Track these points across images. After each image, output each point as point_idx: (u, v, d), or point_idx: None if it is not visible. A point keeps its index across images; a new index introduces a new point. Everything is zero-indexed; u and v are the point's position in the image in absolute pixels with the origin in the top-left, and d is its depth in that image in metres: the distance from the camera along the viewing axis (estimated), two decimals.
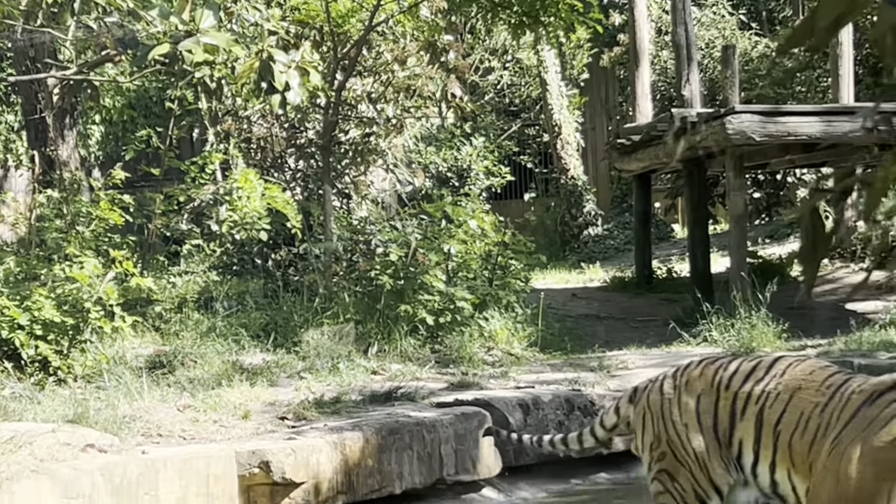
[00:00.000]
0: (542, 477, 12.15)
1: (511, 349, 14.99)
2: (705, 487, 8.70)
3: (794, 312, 17.00)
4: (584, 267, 24.29)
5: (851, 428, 8.03)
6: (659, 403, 8.95)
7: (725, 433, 8.69)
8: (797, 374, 8.54)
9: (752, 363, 8.79)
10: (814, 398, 8.33)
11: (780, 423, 8.44)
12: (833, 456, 8.02)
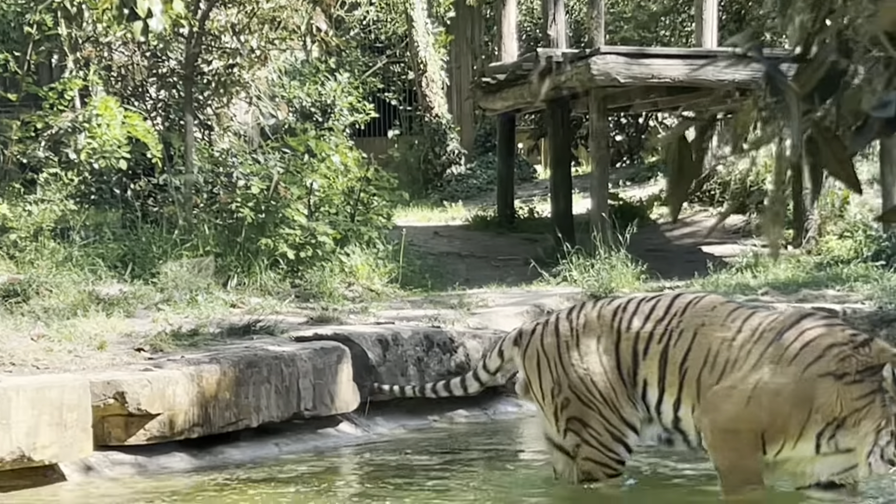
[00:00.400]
0: (400, 413, 12.15)
1: (372, 285, 14.95)
2: (618, 426, 8.71)
3: (652, 254, 17.20)
4: (446, 205, 24.31)
5: (764, 359, 8.10)
6: (556, 347, 8.90)
7: (630, 373, 8.69)
8: (698, 310, 8.55)
9: (651, 303, 8.78)
10: (720, 333, 8.37)
11: (686, 361, 8.46)
12: (744, 380, 8.10)
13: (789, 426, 7.95)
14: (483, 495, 9.18)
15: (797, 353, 8.01)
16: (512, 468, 10.44)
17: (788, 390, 7.95)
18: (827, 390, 7.83)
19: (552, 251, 16.78)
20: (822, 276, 14.42)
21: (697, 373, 8.37)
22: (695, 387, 8.39)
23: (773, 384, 8.00)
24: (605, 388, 8.70)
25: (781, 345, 8.09)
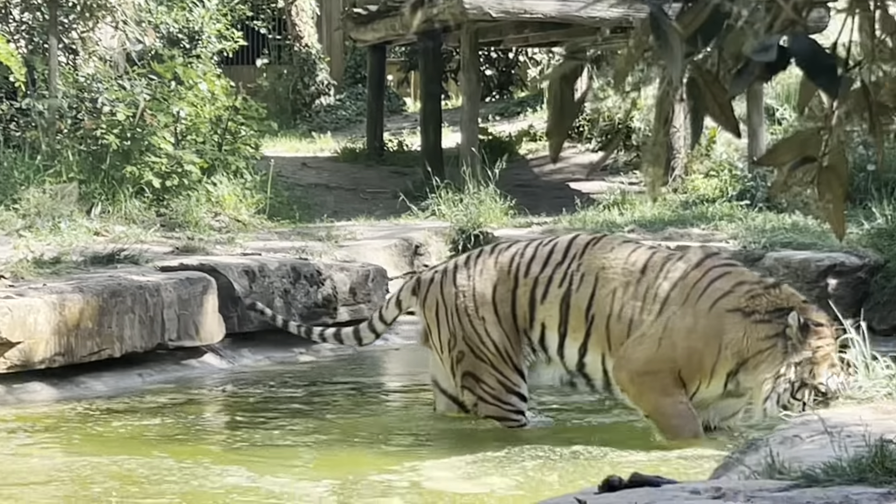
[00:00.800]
0: (266, 345, 12.10)
1: (238, 216, 14.82)
2: (509, 375, 8.69)
3: (521, 190, 17.26)
4: (315, 136, 24.14)
5: (671, 303, 8.11)
6: (453, 296, 8.85)
7: (525, 317, 8.67)
8: (597, 252, 8.53)
9: (548, 247, 8.74)
10: (623, 277, 8.36)
11: (591, 307, 8.45)
12: (654, 324, 8.12)
13: (703, 363, 7.98)
14: (348, 428, 9.18)
15: (705, 289, 8.04)
16: (376, 401, 10.45)
17: (699, 326, 7.99)
18: (735, 326, 7.86)
19: (421, 185, 16.76)
20: (688, 214, 14.57)
21: (605, 320, 8.37)
22: (604, 334, 8.39)
23: (683, 322, 8.03)
24: (500, 338, 8.69)
25: (688, 283, 8.12)
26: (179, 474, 7.69)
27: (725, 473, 5.40)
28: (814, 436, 5.35)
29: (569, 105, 2.37)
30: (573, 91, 2.40)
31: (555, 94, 2.39)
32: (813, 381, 7.56)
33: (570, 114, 2.39)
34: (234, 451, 8.39)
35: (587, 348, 8.48)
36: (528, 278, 8.64)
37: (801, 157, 2.57)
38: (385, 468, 7.86)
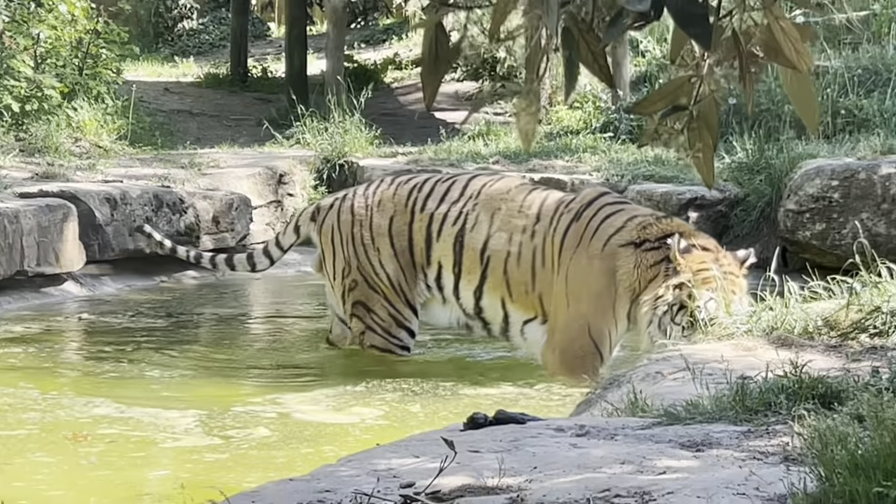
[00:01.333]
0: (127, 272, 11.98)
1: (100, 141, 14.57)
2: (401, 309, 8.64)
3: (386, 119, 17.20)
4: (177, 61, 23.81)
5: (567, 248, 8.07)
6: (350, 224, 8.77)
7: (422, 254, 8.61)
8: (493, 193, 8.46)
9: (447, 183, 8.68)
10: (519, 220, 8.29)
11: (487, 249, 8.39)
12: (559, 282, 8.07)
13: (605, 308, 7.91)
14: (212, 359, 9.14)
15: (597, 228, 8.04)
16: (239, 331, 10.42)
17: (595, 268, 7.96)
18: (627, 259, 7.85)
19: (286, 113, 16.61)
20: (552, 146, 14.63)
21: (503, 264, 8.34)
22: (502, 278, 8.35)
23: (581, 269, 8.03)
24: (395, 271, 8.66)
25: (581, 224, 8.11)
26: (44, 404, 7.61)
27: (588, 410, 5.47)
28: (676, 372, 5.43)
29: (444, 51, 2.36)
30: (448, 36, 2.39)
31: (430, 41, 2.37)
32: (691, 304, 7.54)
33: (446, 60, 2.37)
34: (100, 382, 8.31)
35: (483, 292, 8.45)
36: (424, 213, 8.59)
37: (673, 106, 2.59)
38: (249, 399, 7.85)
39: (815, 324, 6.04)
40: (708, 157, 2.56)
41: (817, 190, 11.86)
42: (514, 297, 8.32)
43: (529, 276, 8.22)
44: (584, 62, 2.37)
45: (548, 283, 8.15)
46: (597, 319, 7.93)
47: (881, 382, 4.64)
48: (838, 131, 14.12)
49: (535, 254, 8.21)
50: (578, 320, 7.95)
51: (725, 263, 7.77)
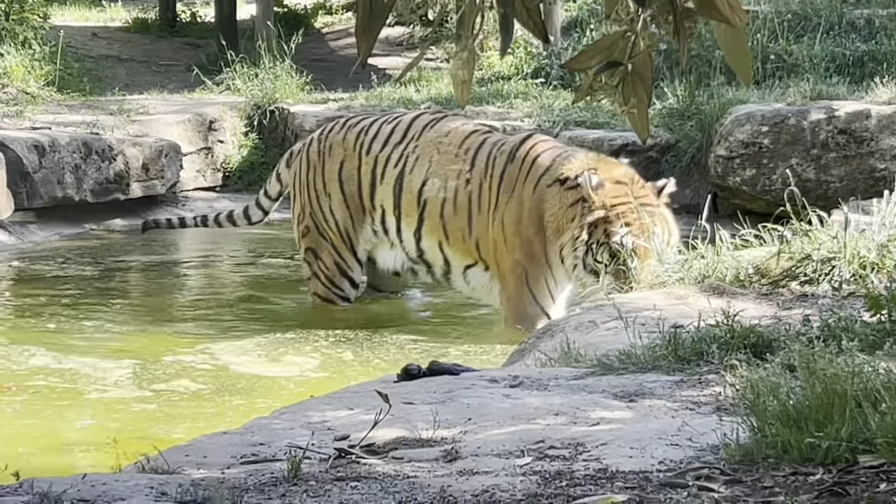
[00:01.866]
0: (56, 220, 11.88)
1: (27, 88, 14.37)
2: (347, 258, 8.61)
3: (317, 64, 17.08)
4: (105, 5, 23.46)
5: (503, 192, 8.00)
6: (306, 170, 8.74)
7: (368, 197, 8.57)
8: (433, 135, 8.36)
9: (392, 124, 8.59)
10: (455, 165, 8.21)
11: (423, 192, 8.32)
12: (496, 227, 8.01)
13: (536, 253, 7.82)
14: (142, 308, 9.09)
15: (529, 170, 7.96)
16: (168, 280, 10.35)
17: (525, 213, 7.87)
18: (552, 199, 7.75)
19: (215, 58, 16.43)
20: (484, 92, 14.58)
21: (439, 208, 8.26)
22: (439, 222, 8.28)
23: (514, 217, 7.92)
24: (343, 217, 8.61)
25: (514, 167, 8.07)
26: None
27: (521, 360, 5.48)
28: (608, 321, 5.45)
29: (379, 7, 2.33)
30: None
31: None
32: (608, 240, 7.44)
33: (381, 15, 2.34)
34: (29, 331, 8.24)
35: (422, 234, 8.40)
36: (370, 156, 8.54)
37: (607, 62, 2.57)
38: (180, 350, 7.81)
39: (747, 272, 6.09)
40: (643, 111, 2.55)
41: (747, 136, 11.93)
42: (450, 242, 8.29)
43: (465, 223, 8.19)
44: (519, 19, 2.36)
45: (484, 230, 8.11)
46: (533, 268, 7.88)
47: (812, 332, 4.68)
48: (768, 76, 14.18)
49: (470, 199, 8.17)
50: (517, 269, 7.93)
51: (642, 195, 7.65)
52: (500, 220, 7.99)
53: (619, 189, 7.60)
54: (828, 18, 15.13)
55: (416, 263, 8.52)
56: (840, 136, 11.81)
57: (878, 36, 14.68)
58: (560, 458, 3.67)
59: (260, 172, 13.77)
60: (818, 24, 14.98)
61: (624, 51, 2.55)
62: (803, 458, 3.46)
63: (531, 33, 2.46)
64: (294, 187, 8.85)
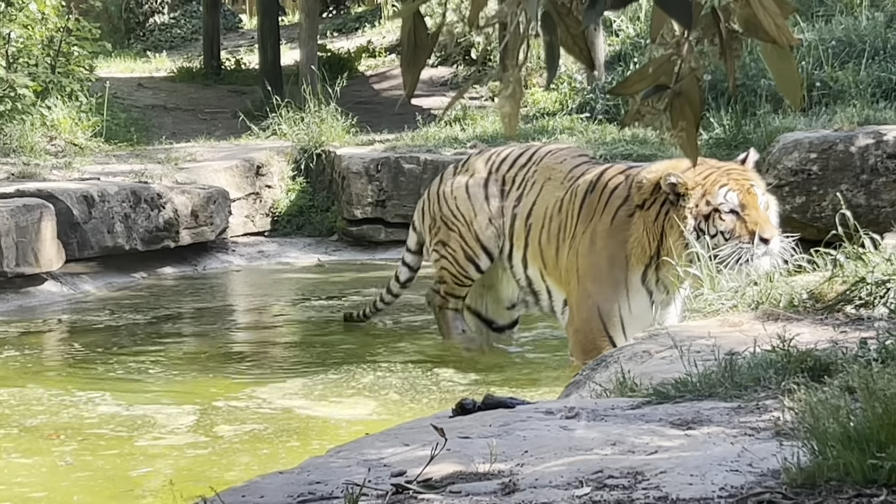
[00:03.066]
0: (107, 271, 11.96)
1: (75, 139, 14.51)
2: (473, 247, 8.64)
3: (362, 107, 17.17)
4: (150, 56, 23.73)
5: (581, 222, 7.98)
6: (436, 188, 8.88)
7: (498, 210, 8.61)
8: (551, 162, 8.40)
9: (521, 149, 8.70)
10: (557, 192, 8.22)
11: (530, 217, 8.36)
12: (570, 256, 7.96)
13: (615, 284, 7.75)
14: (197, 353, 9.11)
15: (607, 201, 7.86)
16: (219, 325, 10.38)
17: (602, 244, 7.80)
18: (636, 224, 7.68)
19: (261, 104, 16.57)
20: (529, 128, 14.59)
21: (539, 234, 8.26)
22: (537, 249, 8.27)
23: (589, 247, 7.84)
24: (467, 210, 8.63)
25: (594, 198, 7.95)
26: (48, 403, 7.59)
27: (576, 392, 5.45)
28: (663, 350, 5.42)
29: (423, 41, 2.33)
30: (426, 25, 2.36)
31: (408, 31, 2.35)
32: (711, 208, 7.39)
33: (425, 50, 2.35)
34: (97, 380, 8.27)
35: (527, 260, 8.37)
36: (499, 173, 8.62)
37: (654, 85, 2.57)
38: (233, 393, 7.83)
39: (801, 297, 6.03)
40: (691, 134, 2.54)
41: (796, 163, 11.86)
42: (548, 270, 8.26)
43: (555, 251, 8.17)
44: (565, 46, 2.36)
45: (565, 259, 8.09)
46: (605, 299, 7.78)
47: (869, 353, 4.63)
48: (814, 104, 14.13)
49: (560, 228, 8.15)
50: (587, 301, 7.86)
51: (723, 165, 7.67)
52: (575, 249, 7.94)
53: (700, 168, 7.53)
54: (872, 44, 15.07)
55: (527, 294, 8.50)
56: (889, 161, 11.72)
57: None
58: (619, 488, 3.64)
59: (308, 216, 13.85)
60: (863, 49, 14.93)
61: (671, 74, 2.54)
62: (866, 479, 3.42)
63: (577, 59, 2.45)
64: (423, 212, 8.99)
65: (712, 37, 2.56)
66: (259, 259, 13.16)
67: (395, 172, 13.18)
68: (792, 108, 13.67)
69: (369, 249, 13.34)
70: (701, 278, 6.81)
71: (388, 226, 13.33)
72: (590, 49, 2.46)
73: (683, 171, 7.51)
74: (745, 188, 7.45)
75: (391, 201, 13.21)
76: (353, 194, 13.28)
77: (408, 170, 13.18)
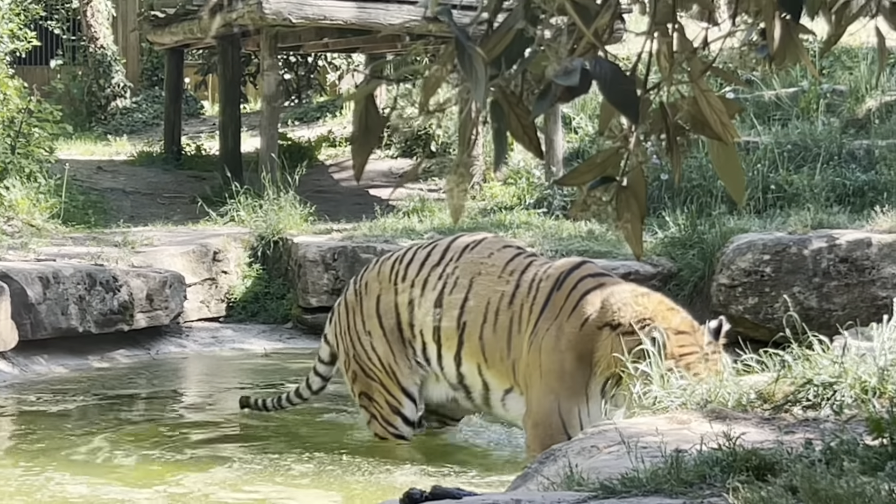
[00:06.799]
0: (60, 352, 11.89)
1: (32, 220, 14.48)
2: (396, 395, 8.47)
3: (321, 195, 17.22)
4: (110, 139, 23.74)
5: (545, 318, 7.83)
6: (345, 316, 8.67)
7: (408, 326, 8.39)
8: (474, 257, 8.23)
9: (427, 249, 8.47)
10: (498, 287, 8.05)
11: (463, 315, 8.19)
12: (532, 351, 7.84)
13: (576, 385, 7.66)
14: (143, 436, 9.06)
15: (576, 304, 7.75)
16: (172, 409, 10.33)
17: (570, 346, 7.69)
18: (604, 342, 7.56)
19: (220, 190, 16.60)
20: (486, 221, 14.66)
21: (479, 329, 8.11)
22: (477, 344, 8.13)
23: (555, 346, 7.73)
24: (385, 353, 8.47)
25: (561, 295, 7.84)
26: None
27: (524, 484, 5.44)
28: (611, 446, 5.42)
29: (374, 122, 2.36)
30: (378, 108, 2.40)
31: (360, 113, 2.38)
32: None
33: (376, 131, 2.38)
34: (31, 462, 8.22)
35: (461, 358, 8.22)
36: (406, 283, 8.41)
37: (601, 177, 2.60)
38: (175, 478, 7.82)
39: (749, 397, 6.06)
40: (636, 227, 2.57)
41: (749, 264, 11.95)
42: (489, 364, 8.13)
43: (505, 343, 8.05)
44: (514, 134, 2.39)
45: (520, 352, 7.99)
46: (567, 397, 7.71)
47: (814, 454, 4.65)
48: (769, 206, 14.28)
49: (511, 321, 8.02)
50: (549, 396, 7.83)
51: (705, 343, 7.53)
52: (538, 345, 7.83)
53: (684, 339, 7.46)
54: (827, 149, 15.27)
55: (457, 390, 8.37)
56: (841, 265, 11.83)
57: (878, 166, 14.82)
58: None
59: (263, 303, 13.83)
60: (818, 154, 15.12)
61: (617, 167, 2.57)
62: None
63: (525, 149, 2.49)
64: (338, 338, 8.79)
65: (660, 132, 2.60)
66: (213, 345, 13.11)
67: (352, 262, 13.20)
68: (746, 210, 13.81)
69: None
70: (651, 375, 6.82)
71: None
72: (539, 139, 2.50)
73: (670, 330, 7.41)
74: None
75: None
76: (309, 282, 13.29)
77: (364, 259, 13.17)
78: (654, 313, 7.59)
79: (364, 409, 8.69)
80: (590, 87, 2.43)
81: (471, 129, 2.30)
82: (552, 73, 2.29)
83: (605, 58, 2.42)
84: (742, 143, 15.12)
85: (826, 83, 17.09)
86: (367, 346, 8.53)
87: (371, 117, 2.36)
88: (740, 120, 16.33)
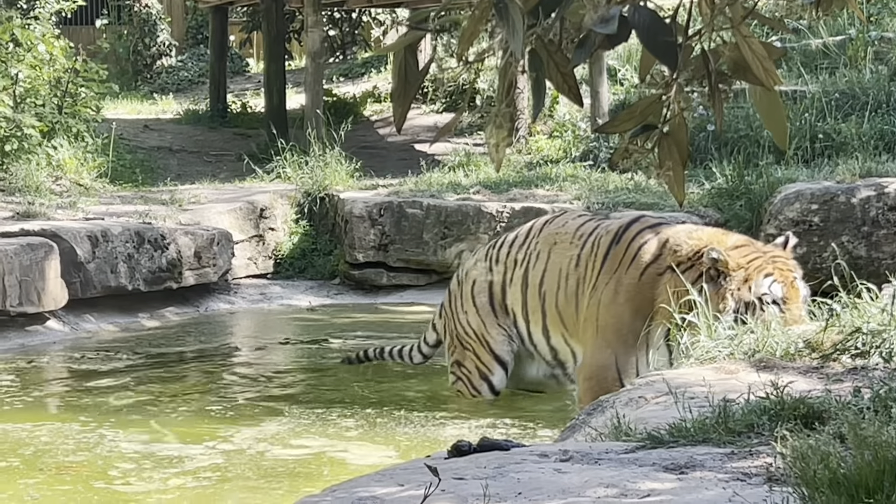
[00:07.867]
0: (110, 310, 11.97)
1: (80, 180, 14.56)
2: (487, 362, 8.57)
3: (366, 151, 17.21)
4: (156, 98, 23.81)
5: (605, 272, 7.87)
6: (448, 302, 8.87)
7: (500, 304, 8.53)
8: (552, 228, 8.34)
9: (516, 231, 8.66)
10: (568, 252, 8.10)
11: (543, 285, 8.24)
12: (591, 305, 7.88)
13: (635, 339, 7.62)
14: (194, 392, 9.13)
15: (635, 255, 7.76)
16: (224, 366, 10.38)
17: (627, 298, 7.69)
18: (668, 283, 7.51)
19: (266, 147, 16.61)
20: (532, 175, 14.62)
21: (555, 297, 8.17)
22: (555, 313, 8.18)
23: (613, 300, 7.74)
24: (477, 323, 8.57)
25: (620, 248, 7.85)
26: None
27: (572, 436, 5.45)
28: (658, 396, 5.42)
29: (413, 74, 2.36)
30: (417, 60, 2.39)
31: (399, 64, 2.38)
32: (753, 296, 7.26)
33: (415, 82, 2.38)
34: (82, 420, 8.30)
35: (549, 331, 8.27)
36: (499, 265, 8.57)
37: (642, 125, 2.59)
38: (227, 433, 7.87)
39: (797, 346, 6.04)
40: (678, 174, 2.56)
41: (797, 214, 11.89)
42: (570, 331, 8.14)
43: (575, 307, 8.07)
44: (554, 83, 2.38)
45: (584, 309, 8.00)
46: (624, 351, 7.70)
47: (862, 402, 4.64)
48: (817, 155, 14.16)
49: (578, 282, 8.05)
50: (605, 350, 7.80)
51: (768, 250, 7.56)
52: (596, 299, 7.84)
53: (745, 250, 7.49)
54: (875, 97, 15.12)
55: (553, 367, 8.41)
56: (890, 213, 11.75)
57: None
58: None
59: (310, 259, 13.87)
60: (866, 102, 14.97)
61: (659, 114, 2.56)
62: None
63: (565, 97, 2.48)
64: (444, 321, 8.94)
65: (701, 79, 2.59)
66: (261, 301, 13.17)
67: (398, 217, 13.20)
68: (794, 159, 13.71)
69: (371, 293, 13.35)
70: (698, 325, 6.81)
71: (390, 270, 13.34)
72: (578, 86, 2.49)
73: (728, 248, 7.44)
74: (790, 281, 7.34)
75: (393, 246, 13.22)
76: (356, 238, 13.30)
77: (410, 214, 13.20)
78: (709, 241, 7.59)
79: (454, 374, 8.79)
80: (629, 35, 2.42)
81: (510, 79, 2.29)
82: (590, 21, 2.28)
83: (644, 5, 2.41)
84: (789, 92, 15.00)
85: (874, 30, 16.90)
86: (463, 321, 8.69)
87: (410, 69, 2.36)
88: (787, 69, 16.20)
